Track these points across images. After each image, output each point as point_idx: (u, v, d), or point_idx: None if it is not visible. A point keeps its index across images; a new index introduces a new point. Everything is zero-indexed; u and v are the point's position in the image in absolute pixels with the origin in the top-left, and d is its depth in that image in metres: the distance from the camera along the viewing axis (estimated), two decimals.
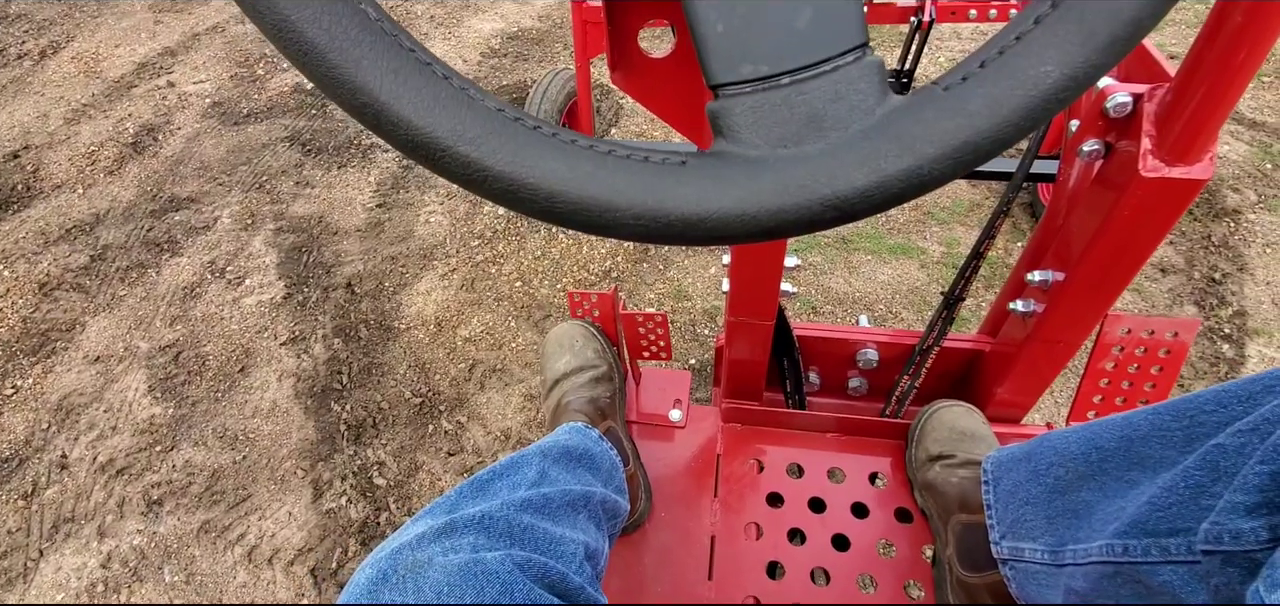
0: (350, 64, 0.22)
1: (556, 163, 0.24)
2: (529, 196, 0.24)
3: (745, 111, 0.25)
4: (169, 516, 1.43)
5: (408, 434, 1.53)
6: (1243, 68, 0.45)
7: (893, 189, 0.24)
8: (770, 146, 0.25)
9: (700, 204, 0.24)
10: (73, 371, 1.69)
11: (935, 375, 0.85)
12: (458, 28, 2.73)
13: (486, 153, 0.23)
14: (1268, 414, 0.42)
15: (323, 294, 1.81)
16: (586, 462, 0.70)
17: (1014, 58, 0.23)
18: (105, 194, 2.13)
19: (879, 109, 0.24)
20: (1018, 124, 0.23)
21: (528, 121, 0.24)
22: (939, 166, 0.23)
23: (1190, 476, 0.47)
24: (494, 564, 0.45)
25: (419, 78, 0.23)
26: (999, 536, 0.65)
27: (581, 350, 0.88)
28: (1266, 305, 1.59)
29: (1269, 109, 2.00)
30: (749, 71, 0.25)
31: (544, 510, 0.57)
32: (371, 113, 0.23)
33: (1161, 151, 0.50)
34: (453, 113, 0.23)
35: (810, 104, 0.25)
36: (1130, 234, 0.55)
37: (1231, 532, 0.42)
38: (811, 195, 0.24)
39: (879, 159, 0.24)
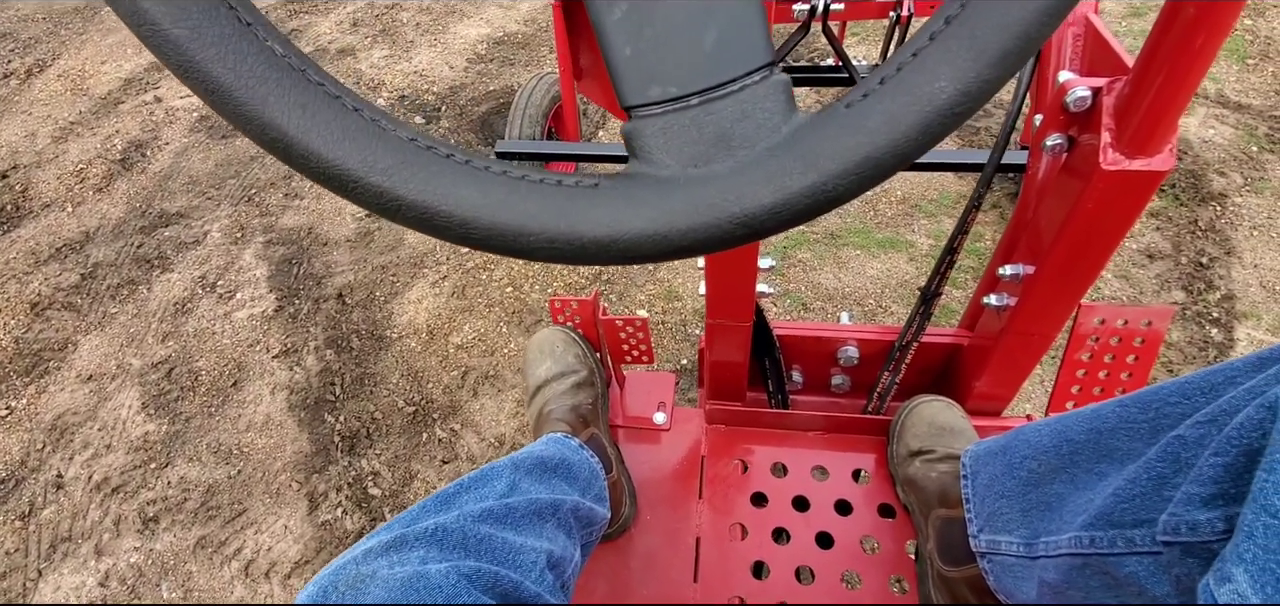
0: (257, 101, 0.23)
1: (469, 190, 0.24)
2: (443, 223, 0.24)
3: (656, 132, 0.25)
4: (165, 533, 1.43)
5: (402, 443, 1.53)
6: (1198, 58, 0.45)
7: (798, 206, 0.24)
8: (681, 166, 0.25)
9: (612, 226, 0.24)
10: (66, 390, 1.70)
11: (916, 370, 0.85)
12: (443, 34, 2.73)
13: (398, 182, 0.24)
14: (1225, 405, 0.43)
15: (314, 305, 1.81)
16: (562, 471, 0.70)
17: (910, 75, 0.23)
18: (95, 211, 2.13)
19: (785, 127, 0.25)
20: (916, 139, 0.23)
21: (441, 149, 0.25)
22: (842, 182, 0.24)
23: (1152, 468, 0.47)
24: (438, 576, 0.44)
25: (328, 111, 0.24)
26: (977, 530, 0.66)
27: (562, 355, 0.88)
28: (1254, 288, 1.59)
29: (1254, 91, 2.00)
30: (658, 93, 0.25)
31: (505, 520, 0.57)
32: (282, 147, 0.23)
33: (1121, 144, 0.50)
34: (363, 144, 0.24)
35: (718, 123, 0.25)
36: (1095, 226, 0.55)
37: (1188, 524, 0.42)
38: (721, 214, 0.24)
39: (784, 177, 0.24)
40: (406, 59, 2.62)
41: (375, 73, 2.57)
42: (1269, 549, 0.35)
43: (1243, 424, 0.40)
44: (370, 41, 2.73)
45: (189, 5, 0.22)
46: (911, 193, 1.91)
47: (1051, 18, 0.22)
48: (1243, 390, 0.42)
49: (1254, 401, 0.40)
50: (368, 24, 2.83)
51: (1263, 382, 0.41)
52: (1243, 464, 0.40)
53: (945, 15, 0.23)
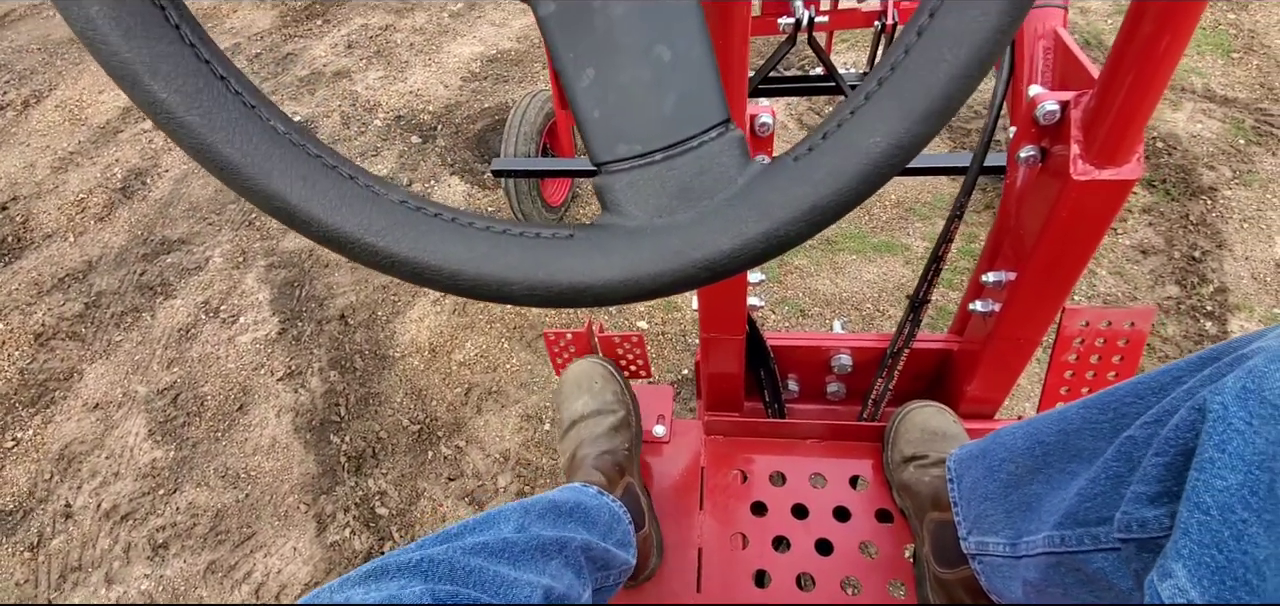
0: (263, 176, 0.25)
1: (455, 246, 0.27)
2: (433, 276, 0.27)
3: (624, 186, 0.28)
4: (175, 559, 1.45)
5: (408, 461, 1.55)
6: (1160, 67, 0.47)
7: (755, 249, 0.26)
8: (648, 216, 0.27)
9: (586, 273, 0.27)
10: (72, 420, 1.72)
11: (909, 376, 0.87)
12: (437, 53, 2.76)
13: (392, 242, 0.26)
14: (1167, 405, 0.45)
15: (317, 327, 1.83)
16: (577, 515, 0.67)
17: (850, 130, 0.26)
18: (96, 240, 2.15)
19: (740, 178, 0.27)
20: (856, 188, 0.26)
21: (429, 210, 0.27)
22: (794, 227, 0.26)
23: (1110, 467, 0.49)
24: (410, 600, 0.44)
25: (326, 180, 0.26)
26: (966, 532, 0.67)
27: (600, 392, 0.85)
28: (1247, 280, 1.61)
29: (1240, 84, 2.02)
30: (624, 151, 0.28)
31: (501, 554, 0.56)
32: (285, 214, 0.26)
33: (1090, 155, 0.52)
34: (358, 208, 0.26)
35: (680, 177, 0.27)
36: (1071, 233, 0.57)
37: (1138, 521, 0.44)
38: (685, 260, 0.27)
39: (741, 224, 0.26)
40: (401, 79, 2.65)
41: (371, 94, 2.59)
42: (1203, 544, 0.37)
43: (1178, 425, 0.42)
44: (365, 63, 2.76)
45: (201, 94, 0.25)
46: (906, 197, 1.93)
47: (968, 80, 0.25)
48: (1183, 390, 0.44)
49: (1187, 403, 0.42)
50: (362, 46, 2.86)
51: (1199, 383, 0.43)
52: (1181, 463, 0.42)
53: (878, 77, 0.26)
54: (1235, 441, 0.37)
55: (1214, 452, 0.38)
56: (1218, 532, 0.37)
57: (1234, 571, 0.36)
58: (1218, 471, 0.37)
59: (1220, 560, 0.37)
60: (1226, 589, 0.36)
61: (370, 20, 3.00)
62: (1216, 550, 0.37)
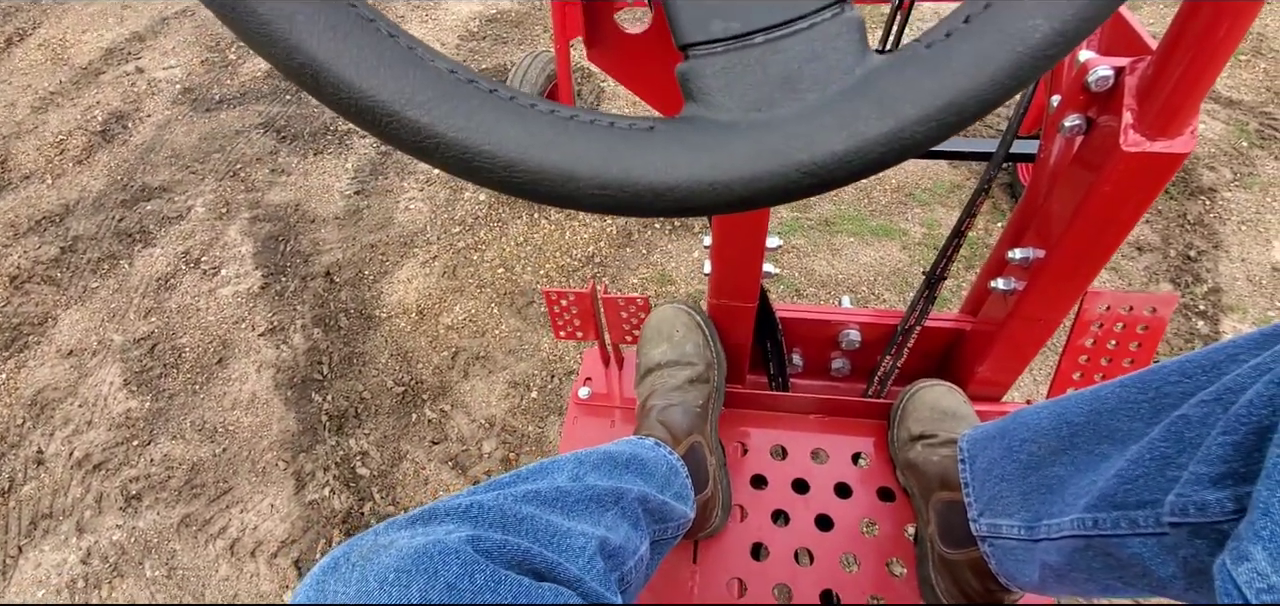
0: (283, 18, 0.21)
1: (514, 128, 0.22)
2: (485, 165, 0.22)
3: (716, 73, 0.24)
4: (148, 511, 1.41)
5: (391, 423, 1.51)
6: (1224, 41, 0.45)
7: (873, 154, 0.22)
8: (743, 110, 0.23)
9: (668, 172, 0.23)
10: (46, 366, 1.66)
11: (917, 355, 0.85)
12: (435, 10, 2.68)
13: (438, 118, 0.22)
14: (1230, 383, 0.42)
15: (301, 283, 1.78)
16: (634, 466, 0.65)
17: (1000, 11, 0.22)
18: (75, 184, 2.08)
19: (858, 69, 0.23)
20: (1004, 83, 0.22)
21: (483, 84, 0.23)
22: (922, 129, 0.22)
23: (1156, 448, 0.47)
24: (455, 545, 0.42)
25: (361, 34, 0.22)
26: (977, 513, 0.66)
27: (680, 342, 0.81)
28: (1241, 282, 1.61)
29: (1245, 87, 2.02)
30: (720, 30, 0.24)
31: (554, 503, 0.53)
32: (310, 74, 0.21)
33: (1143, 125, 0.49)
34: (400, 74, 0.22)
35: (785, 64, 0.23)
36: (1111, 210, 0.55)
37: (1197, 504, 0.42)
38: (786, 161, 0.22)
39: (858, 122, 0.22)
40: None
41: None
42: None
43: (1252, 401, 0.39)
44: None
45: None
46: (906, 181, 1.91)
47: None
48: (1248, 368, 0.42)
49: (1263, 378, 0.39)
50: None
51: (1269, 359, 0.41)
52: (1253, 442, 0.39)
53: None
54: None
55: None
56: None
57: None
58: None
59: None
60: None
61: None
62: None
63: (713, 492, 0.77)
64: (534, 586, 0.45)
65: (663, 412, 0.76)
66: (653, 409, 0.77)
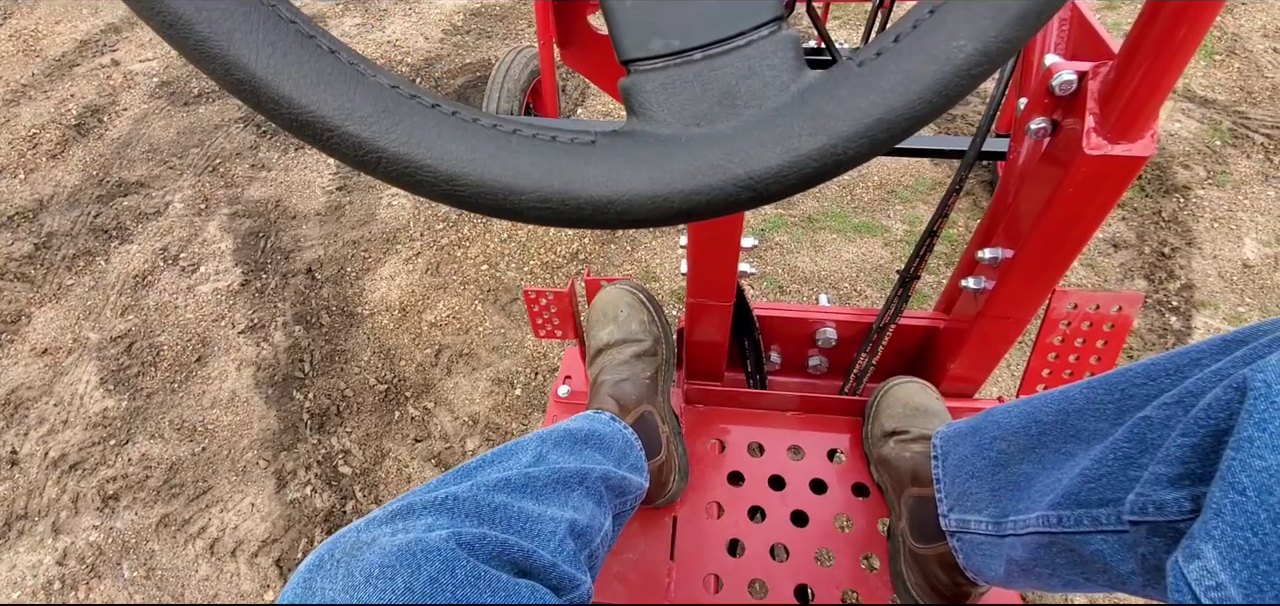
0: (221, 36, 0.21)
1: (456, 143, 0.23)
2: (427, 178, 0.23)
3: (656, 88, 0.24)
4: (126, 511, 1.39)
5: (373, 421, 1.51)
6: (1183, 45, 0.46)
7: (807, 169, 0.23)
8: (683, 124, 0.24)
9: (609, 185, 0.23)
10: (20, 364, 1.64)
11: (893, 352, 0.86)
12: (418, 2, 2.66)
13: (379, 133, 0.22)
14: (1191, 387, 0.43)
15: (282, 280, 1.76)
16: (593, 442, 0.68)
17: (928, 32, 0.22)
18: (48, 179, 2.05)
19: (793, 85, 0.24)
20: (931, 100, 0.22)
21: (426, 98, 0.23)
22: (854, 145, 0.23)
23: (1119, 448, 0.48)
24: (437, 542, 0.43)
25: (302, 51, 0.22)
26: (947, 509, 0.67)
27: (625, 321, 0.83)
28: (1213, 278, 1.64)
29: (1220, 86, 2.05)
30: (660, 46, 0.24)
31: (525, 489, 0.55)
32: (249, 89, 0.21)
33: (1104, 129, 0.50)
34: (340, 90, 0.22)
35: (723, 80, 0.24)
36: (1076, 210, 0.56)
37: (1155, 503, 0.43)
38: (724, 175, 0.23)
39: (793, 138, 0.23)
40: (380, 28, 2.56)
41: (347, 42, 2.50)
42: (1237, 525, 0.36)
43: (1210, 405, 0.40)
44: (342, 9, 2.66)
45: None
46: (888, 178, 1.93)
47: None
48: (1209, 372, 0.43)
49: (1221, 383, 0.40)
50: None
51: (1229, 364, 0.42)
52: (1210, 444, 0.40)
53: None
54: (1278, 420, 0.35)
55: (1253, 431, 0.36)
56: (1253, 514, 0.35)
57: (1269, 555, 0.34)
58: (1257, 451, 0.36)
59: (1255, 543, 0.35)
60: (1259, 573, 0.34)
61: None
62: (1251, 532, 0.35)
63: (667, 457, 0.80)
64: (512, 583, 0.47)
65: (614, 387, 0.79)
66: (603, 384, 0.80)
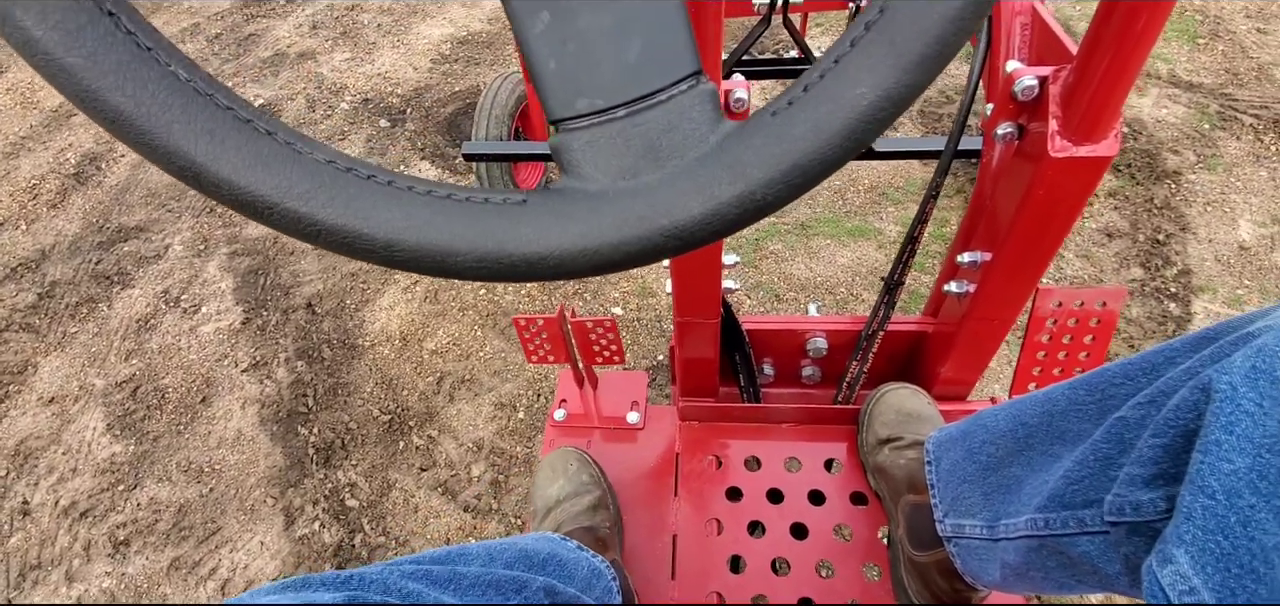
0: (162, 129, 0.22)
1: (391, 211, 0.24)
2: (366, 246, 0.24)
3: (583, 146, 0.25)
4: (137, 556, 1.40)
5: (378, 452, 1.52)
6: (1139, 43, 0.47)
7: (728, 215, 0.24)
8: (610, 179, 0.25)
9: (541, 242, 0.24)
10: (28, 415, 1.65)
11: (884, 358, 0.87)
12: (406, 34, 2.69)
13: (316, 206, 0.23)
14: (1163, 386, 0.43)
15: (283, 316, 1.78)
16: (550, 567, 0.62)
17: (833, 82, 0.23)
18: (50, 228, 2.07)
19: (712, 136, 0.25)
20: (841, 146, 0.23)
21: (361, 171, 0.24)
22: (771, 191, 0.24)
23: (1099, 449, 0.48)
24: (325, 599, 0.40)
25: (238, 136, 0.23)
26: (942, 514, 0.67)
27: (576, 475, 0.83)
28: (1210, 262, 1.64)
29: (1205, 70, 2.06)
30: (584, 106, 0.25)
31: (447, 584, 0.51)
32: (191, 175, 0.23)
33: (1068, 131, 0.51)
34: (277, 169, 0.23)
35: (646, 135, 0.25)
36: (1047, 211, 0.57)
37: (1131, 504, 0.43)
38: (651, 226, 0.24)
39: (713, 186, 0.24)
40: (369, 61, 2.58)
41: (337, 76, 2.53)
42: (1208, 530, 0.36)
43: (1178, 405, 0.40)
44: (331, 44, 2.69)
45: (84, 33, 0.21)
46: (879, 181, 1.94)
47: (967, 21, 0.22)
48: (1180, 371, 0.43)
49: (1189, 383, 0.41)
50: (328, 26, 2.78)
51: (1197, 363, 0.42)
52: (1180, 444, 0.40)
53: (865, 21, 0.23)
54: (1244, 423, 0.36)
55: (1221, 434, 0.36)
56: (1223, 518, 0.35)
57: (1240, 559, 0.34)
58: (1225, 454, 0.36)
59: (1226, 546, 0.35)
60: (1232, 576, 0.35)
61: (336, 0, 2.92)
62: (1222, 536, 0.35)
63: None
64: None
65: (581, 532, 0.76)
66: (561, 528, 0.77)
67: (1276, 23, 2.18)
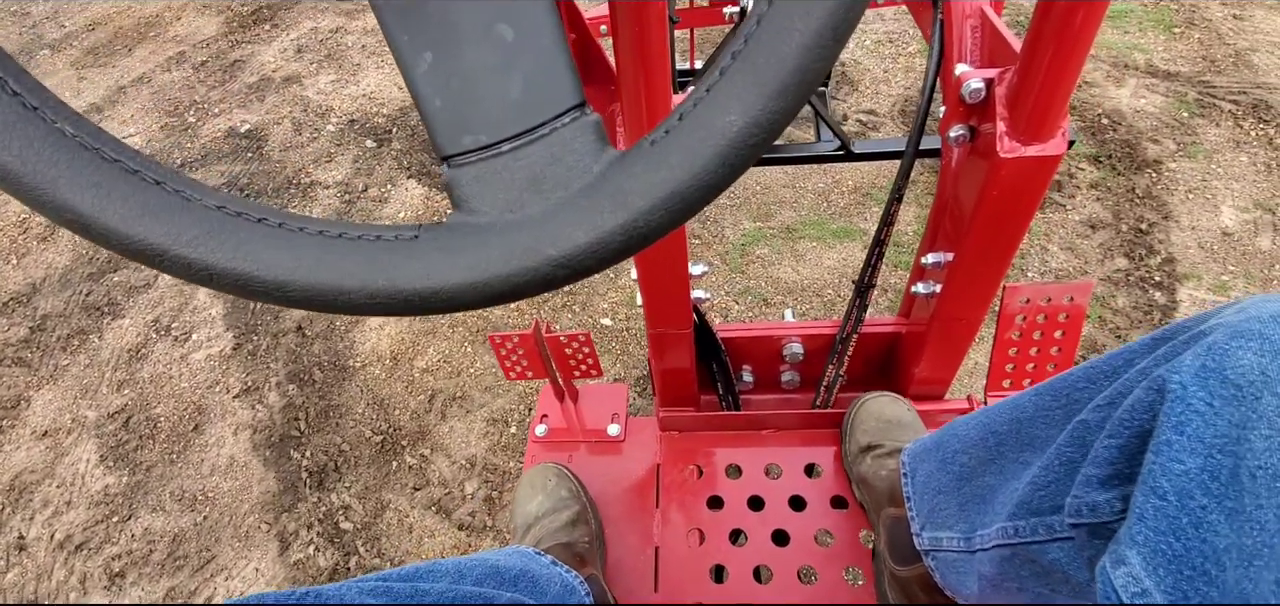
0: (48, 184, 0.23)
1: (280, 252, 0.24)
2: (259, 288, 0.24)
3: (471, 180, 0.26)
4: (133, 587, 1.40)
5: (371, 473, 1.52)
6: (1077, 41, 0.47)
7: (614, 244, 0.24)
8: (498, 211, 0.25)
9: (431, 277, 0.25)
10: (21, 449, 1.65)
11: (861, 361, 0.87)
12: (389, 55, 2.71)
13: (206, 251, 0.24)
14: (1120, 387, 0.43)
15: (273, 341, 1.78)
16: (522, 584, 0.61)
17: (705, 110, 0.24)
18: (40, 262, 2.08)
19: (596, 166, 0.25)
20: (716, 171, 0.24)
21: (252, 214, 0.25)
22: (653, 218, 0.24)
23: (1063, 453, 0.47)
24: None
25: (125, 186, 0.24)
26: (919, 527, 0.66)
27: (555, 490, 0.83)
28: (1193, 250, 1.65)
29: (1182, 58, 2.07)
30: (470, 142, 0.26)
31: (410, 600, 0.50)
32: (80, 227, 0.23)
33: (1016, 132, 0.52)
34: (165, 217, 0.24)
35: (531, 168, 0.26)
36: (1002, 211, 0.57)
37: (1089, 506, 0.42)
38: (538, 257, 0.25)
39: (598, 215, 0.24)
40: (354, 82, 2.60)
41: (322, 99, 2.54)
42: (1160, 531, 0.36)
43: (1133, 405, 0.40)
44: (316, 67, 2.70)
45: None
46: (863, 182, 1.95)
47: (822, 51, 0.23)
48: (1135, 371, 0.43)
49: (1143, 383, 0.40)
50: (313, 50, 2.80)
51: (1152, 362, 0.41)
52: (1135, 445, 0.40)
53: (732, 51, 0.24)
54: (1195, 423, 0.35)
55: (1172, 434, 0.36)
56: (1175, 519, 0.35)
57: (1192, 561, 0.34)
58: (1176, 454, 0.36)
59: (1177, 548, 0.35)
60: (1184, 579, 0.34)
61: (320, 23, 2.93)
62: (1173, 538, 0.35)
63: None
64: None
65: (559, 549, 0.76)
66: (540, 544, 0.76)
67: (1253, 8, 2.19)
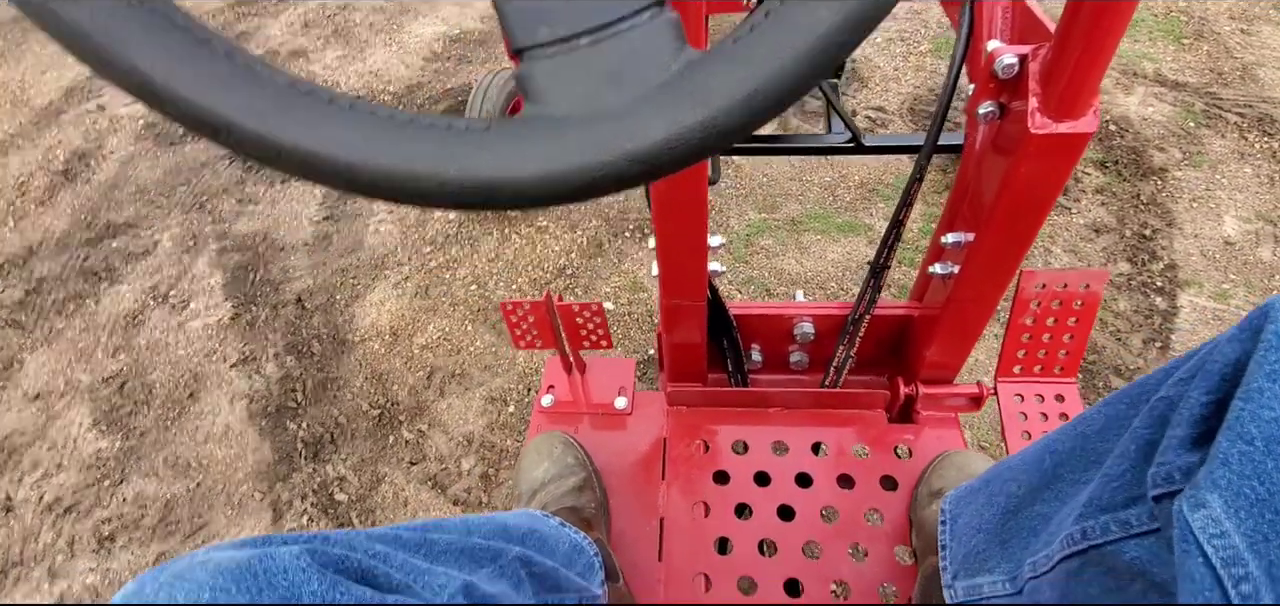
0: (117, 43, 0.22)
1: (352, 133, 0.24)
2: (327, 169, 0.24)
3: (546, 74, 0.25)
4: (122, 552, 1.39)
5: (368, 447, 1.51)
6: (1115, 19, 0.47)
7: (691, 140, 0.24)
8: (573, 105, 0.25)
9: (504, 167, 0.24)
10: (12, 411, 1.64)
11: (871, 343, 0.87)
12: (398, 32, 2.69)
13: (274, 128, 0.23)
14: (1205, 356, 0.41)
15: (272, 312, 1.77)
16: (531, 541, 0.60)
17: (792, 6, 0.24)
18: (37, 225, 2.06)
19: (674, 64, 0.25)
20: (800, 71, 0.24)
21: (323, 94, 0.24)
22: (733, 116, 0.24)
23: (1139, 435, 0.44)
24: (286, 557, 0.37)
25: (196, 54, 0.23)
26: (951, 577, 0.63)
27: (561, 457, 0.82)
28: (1195, 257, 1.66)
29: (1190, 69, 2.08)
30: (546, 34, 0.25)
31: (417, 548, 0.48)
32: (148, 92, 0.23)
33: (1048, 108, 0.52)
34: (235, 89, 0.23)
35: (609, 62, 0.25)
36: (1028, 189, 0.57)
37: (1180, 469, 0.40)
38: (615, 151, 0.24)
39: (677, 111, 0.24)
40: (361, 59, 2.58)
41: (329, 74, 2.52)
42: (1243, 475, 0.35)
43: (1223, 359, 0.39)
44: (323, 43, 2.68)
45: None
46: (869, 177, 1.95)
47: None
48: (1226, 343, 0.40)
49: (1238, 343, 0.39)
50: (320, 25, 2.78)
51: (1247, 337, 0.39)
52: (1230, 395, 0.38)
53: None
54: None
55: (1264, 382, 0.35)
56: (1260, 464, 0.34)
57: (1276, 505, 0.33)
58: (1267, 401, 0.34)
59: (1261, 492, 0.34)
60: (1265, 521, 0.33)
61: None
62: (1258, 482, 0.34)
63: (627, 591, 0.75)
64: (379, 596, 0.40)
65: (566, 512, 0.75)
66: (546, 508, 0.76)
67: (1260, 24, 2.21)
